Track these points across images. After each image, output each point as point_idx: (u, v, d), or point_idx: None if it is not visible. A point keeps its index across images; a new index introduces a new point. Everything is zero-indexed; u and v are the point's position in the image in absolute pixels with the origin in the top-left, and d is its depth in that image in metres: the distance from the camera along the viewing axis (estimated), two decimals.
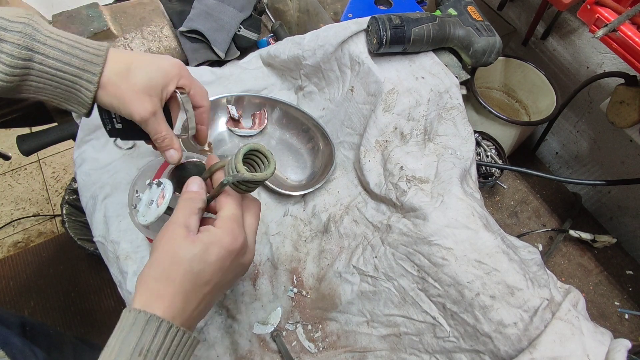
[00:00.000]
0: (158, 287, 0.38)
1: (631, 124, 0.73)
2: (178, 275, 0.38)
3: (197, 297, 0.39)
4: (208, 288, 0.40)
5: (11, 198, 1.53)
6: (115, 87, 0.45)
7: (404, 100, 0.67)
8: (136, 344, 0.35)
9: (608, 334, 0.51)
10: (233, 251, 0.40)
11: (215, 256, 0.39)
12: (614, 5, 0.62)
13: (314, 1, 0.88)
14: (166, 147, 0.50)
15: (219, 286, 0.41)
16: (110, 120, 0.52)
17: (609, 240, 0.85)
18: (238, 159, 0.42)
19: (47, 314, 1.27)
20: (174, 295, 0.38)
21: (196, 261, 0.39)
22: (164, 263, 0.39)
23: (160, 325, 0.36)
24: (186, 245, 0.39)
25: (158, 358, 0.36)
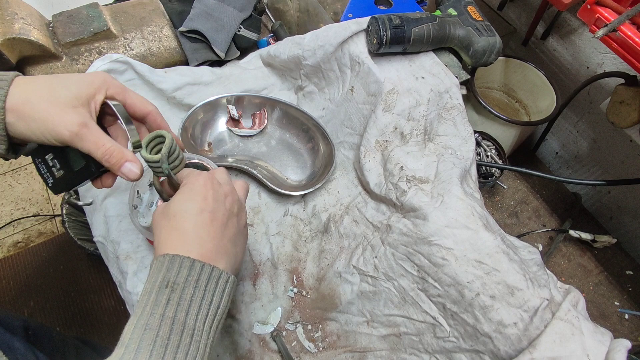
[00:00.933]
0: (166, 236, 0.41)
1: (631, 124, 0.73)
2: (170, 220, 0.41)
3: (202, 226, 0.41)
4: (207, 215, 0.42)
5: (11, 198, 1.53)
6: (30, 106, 0.39)
7: (404, 100, 0.67)
8: (162, 278, 0.38)
9: (608, 334, 0.51)
10: (201, 183, 0.44)
11: (189, 193, 0.43)
12: (614, 5, 0.62)
13: (314, 1, 0.88)
14: (118, 162, 0.43)
15: (218, 212, 0.43)
16: (49, 171, 0.45)
17: (609, 240, 0.85)
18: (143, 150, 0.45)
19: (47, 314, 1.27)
20: (180, 234, 0.41)
21: (178, 204, 0.42)
22: (159, 227, 0.42)
23: (182, 261, 0.38)
24: (166, 205, 0.43)
25: (187, 289, 0.38)
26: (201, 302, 0.38)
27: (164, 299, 0.37)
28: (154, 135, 0.46)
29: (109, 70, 0.69)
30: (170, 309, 0.37)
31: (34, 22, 0.73)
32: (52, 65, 0.75)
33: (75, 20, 0.77)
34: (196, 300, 0.38)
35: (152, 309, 0.37)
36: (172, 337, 0.36)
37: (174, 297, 0.37)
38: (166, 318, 0.36)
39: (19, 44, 0.69)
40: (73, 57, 0.76)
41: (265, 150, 0.75)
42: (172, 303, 0.37)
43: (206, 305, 0.39)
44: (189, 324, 0.37)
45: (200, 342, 0.37)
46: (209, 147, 0.73)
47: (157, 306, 0.37)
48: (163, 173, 0.45)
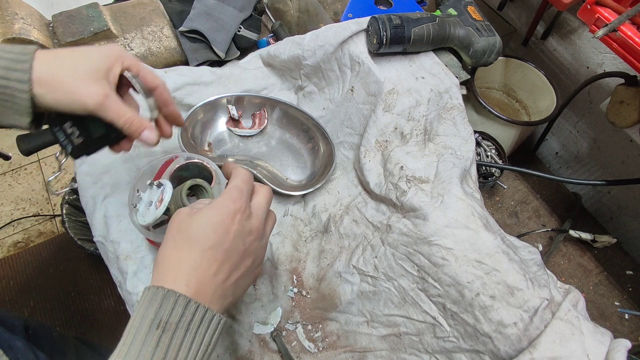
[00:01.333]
0: (170, 260, 0.39)
1: (631, 124, 0.73)
2: (185, 242, 0.39)
3: (212, 262, 0.39)
4: (219, 253, 0.39)
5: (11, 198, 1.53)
6: (55, 79, 0.42)
7: (404, 100, 0.67)
8: (154, 316, 0.36)
9: (608, 334, 0.51)
10: (234, 211, 0.41)
11: (217, 217, 0.40)
12: (614, 5, 0.62)
13: (314, 1, 0.88)
14: (138, 129, 0.46)
15: (232, 254, 0.40)
16: (68, 138, 0.48)
17: (609, 240, 0.85)
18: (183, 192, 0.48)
19: (47, 314, 1.27)
20: (186, 263, 0.38)
21: (200, 225, 0.39)
22: (172, 238, 0.40)
23: (177, 298, 0.36)
24: (190, 216, 0.40)
25: (178, 332, 0.36)
26: (191, 346, 0.37)
27: (154, 339, 0.35)
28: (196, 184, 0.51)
29: None
30: (160, 351, 0.35)
31: (34, 22, 0.73)
32: None
33: (75, 20, 0.77)
34: (186, 344, 0.36)
35: (140, 349, 0.35)
36: None
37: (165, 339, 0.36)
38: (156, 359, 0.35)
39: (19, 44, 0.69)
40: None
41: (265, 150, 0.75)
42: (162, 346, 0.35)
43: (196, 347, 0.37)
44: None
45: None
46: (209, 147, 0.73)
47: (146, 346, 0.35)
48: None
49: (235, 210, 0.41)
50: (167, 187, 0.52)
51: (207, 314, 0.38)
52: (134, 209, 0.53)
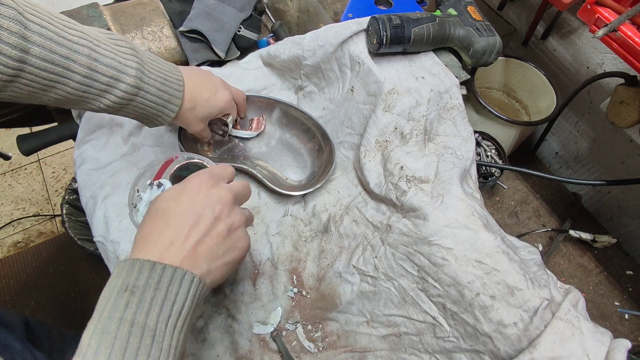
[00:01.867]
0: (140, 235, 0.41)
1: (631, 124, 0.73)
2: (151, 216, 0.41)
3: (180, 230, 0.40)
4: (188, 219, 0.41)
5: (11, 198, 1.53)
6: (184, 117, 0.59)
7: (404, 100, 0.67)
8: (122, 283, 0.37)
9: (608, 334, 0.51)
10: (199, 182, 0.43)
11: (180, 190, 0.43)
12: (614, 5, 0.62)
13: (314, 1, 0.88)
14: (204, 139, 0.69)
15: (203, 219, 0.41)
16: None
17: (609, 240, 0.85)
18: None
19: (48, 314, 1.27)
20: (151, 233, 0.40)
21: (165, 199, 0.43)
22: (143, 220, 0.42)
23: (142, 264, 0.37)
24: (157, 197, 0.44)
25: (147, 292, 0.36)
26: (162, 304, 0.37)
27: (123, 302, 0.36)
28: None
29: None
30: (129, 311, 0.35)
31: None
32: None
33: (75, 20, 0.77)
34: (157, 302, 0.37)
35: (110, 313, 0.35)
36: (132, 340, 0.34)
37: (134, 300, 0.36)
38: (124, 321, 0.35)
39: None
40: None
41: (265, 150, 0.75)
42: (131, 306, 0.36)
43: (168, 306, 0.37)
44: (149, 326, 0.35)
45: (163, 343, 0.36)
46: (208, 147, 0.73)
47: (115, 310, 0.35)
48: None
49: (199, 183, 0.43)
50: (167, 186, 0.52)
51: (176, 273, 0.38)
52: (134, 209, 0.53)
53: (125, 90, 0.51)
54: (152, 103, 0.54)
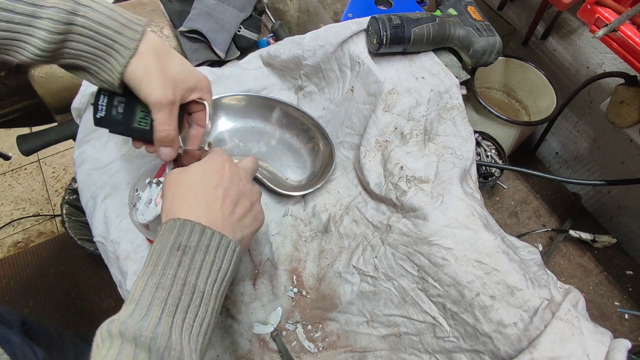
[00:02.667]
0: (177, 205, 0.42)
1: (631, 124, 0.73)
2: (187, 189, 0.43)
3: (214, 199, 0.43)
4: (220, 191, 0.44)
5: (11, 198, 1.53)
6: (148, 60, 0.45)
7: (404, 100, 0.67)
8: (174, 241, 0.39)
9: (608, 334, 0.51)
10: (222, 160, 0.46)
11: (209, 166, 0.45)
12: (614, 5, 0.62)
13: (314, 1, 0.88)
14: (166, 143, 0.49)
15: (230, 192, 0.44)
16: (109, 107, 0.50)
17: (609, 240, 0.85)
18: None
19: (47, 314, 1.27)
20: (193, 203, 0.42)
21: (197, 174, 0.44)
22: (172, 190, 0.44)
23: (193, 226, 0.40)
24: (183, 171, 0.45)
25: (198, 254, 0.39)
26: (211, 267, 0.39)
27: (176, 260, 0.38)
28: None
29: None
30: (182, 270, 0.38)
31: None
32: (52, 65, 0.75)
33: None
34: (206, 265, 0.39)
35: (164, 269, 0.38)
36: (184, 298, 0.37)
37: (186, 260, 0.38)
38: (178, 279, 0.37)
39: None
40: None
41: (265, 150, 0.75)
42: (183, 265, 0.38)
43: (215, 270, 0.40)
44: (199, 287, 0.38)
45: (209, 305, 0.39)
46: (209, 147, 0.73)
47: (169, 267, 0.38)
48: None
49: (222, 161, 0.46)
50: None
51: (223, 240, 0.41)
52: (133, 208, 0.53)
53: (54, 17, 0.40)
54: (97, 34, 0.43)
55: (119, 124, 0.51)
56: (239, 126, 0.76)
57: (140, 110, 0.50)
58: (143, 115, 0.51)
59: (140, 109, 0.50)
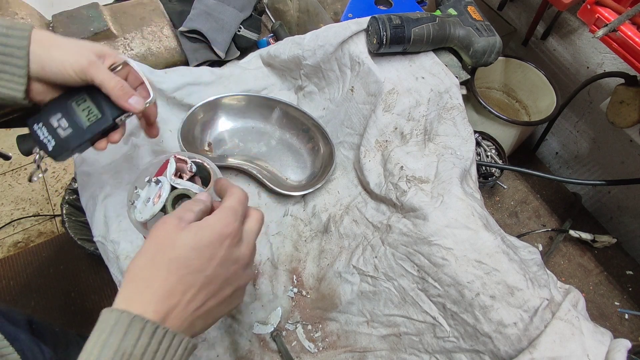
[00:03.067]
0: (144, 278, 0.36)
1: (631, 124, 0.73)
2: (164, 262, 0.36)
3: (189, 288, 0.36)
4: (201, 278, 0.36)
5: (11, 198, 1.53)
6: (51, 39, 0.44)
7: (404, 100, 0.67)
8: (118, 347, 0.32)
9: (608, 334, 0.51)
10: (224, 235, 0.38)
11: (205, 240, 0.37)
12: (614, 5, 0.62)
13: (314, 1, 0.88)
14: (127, 94, 0.46)
15: (212, 281, 0.37)
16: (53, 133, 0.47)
17: (609, 240, 0.85)
18: (169, 205, 0.48)
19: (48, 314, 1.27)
20: (161, 286, 0.35)
21: (184, 247, 0.36)
22: (151, 252, 0.37)
23: (144, 326, 0.33)
24: (175, 232, 0.37)
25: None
26: None
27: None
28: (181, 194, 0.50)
29: None
30: None
31: (34, 22, 0.73)
32: None
33: (75, 20, 0.77)
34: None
35: None
36: None
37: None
38: None
39: None
40: None
41: (265, 150, 0.75)
42: None
43: None
44: None
45: None
46: (209, 147, 0.73)
47: None
48: None
49: (226, 235, 0.38)
50: (165, 184, 0.52)
51: (175, 340, 0.35)
52: (132, 206, 0.53)
53: None
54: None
55: (75, 137, 0.47)
56: (239, 126, 0.76)
57: (79, 106, 0.47)
58: (85, 107, 0.47)
59: (77, 104, 0.47)
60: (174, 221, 0.38)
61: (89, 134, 0.48)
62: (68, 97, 0.48)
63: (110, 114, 0.48)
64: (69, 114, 0.47)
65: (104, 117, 0.48)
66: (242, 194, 0.43)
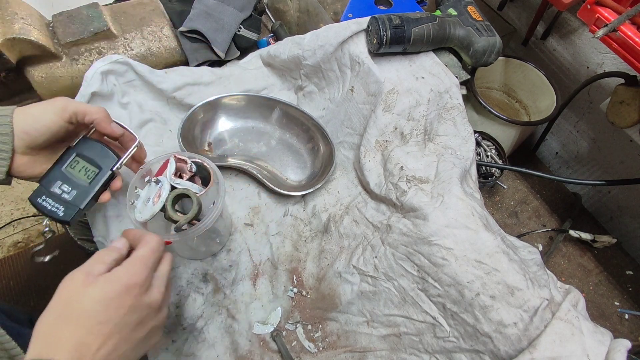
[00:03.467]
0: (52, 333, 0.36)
1: (631, 124, 0.73)
2: (72, 317, 0.37)
3: (96, 339, 0.37)
4: (108, 328, 0.37)
5: (11, 198, 1.52)
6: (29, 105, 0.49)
7: (404, 100, 0.67)
8: None
9: (608, 334, 0.51)
10: (131, 285, 0.39)
11: (112, 293, 0.38)
12: (614, 5, 0.62)
13: (314, 1, 0.88)
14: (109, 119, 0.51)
15: (122, 328, 0.39)
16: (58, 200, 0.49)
17: (609, 240, 0.85)
18: (169, 205, 0.50)
19: None
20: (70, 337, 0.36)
21: (91, 301, 0.37)
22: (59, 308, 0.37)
23: None
24: (82, 288, 0.38)
25: None
26: None
27: None
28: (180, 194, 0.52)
29: (109, 71, 0.69)
30: None
31: (34, 22, 0.73)
32: (52, 65, 0.75)
33: (75, 20, 0.77)
34: None
35: None
36: None
37: None
38: None
39: (19, 44, 0.69)
40: (73, 57, 0.76)
41: (265, 150, 0.75)
42: None
43: None
44: None
45: None
46: (209, 147, 0.73)
47: None
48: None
49: (132, 285, 0.40)
50: (165, 184, 0.52)
51: None
52: (131, 206, 0.53)
53: None
54: None
55: (83, 195, 0.50)
56: (239, 126, 0.76)
57: (74, 169, 0.51)
58: (81, 168, 0.51)
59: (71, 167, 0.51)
60: (80, 277, 0.39)
61: (93, 190, 0.51)
62: (60, 165, 0.51)
63: (106, 166, 0.52)
64: (67, 178, 0.50)
65: (102, 170, 0.51)
66: (155, 242, 0.44)
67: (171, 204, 0.51)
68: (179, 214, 0.51)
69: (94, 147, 0.52)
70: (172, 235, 0.51)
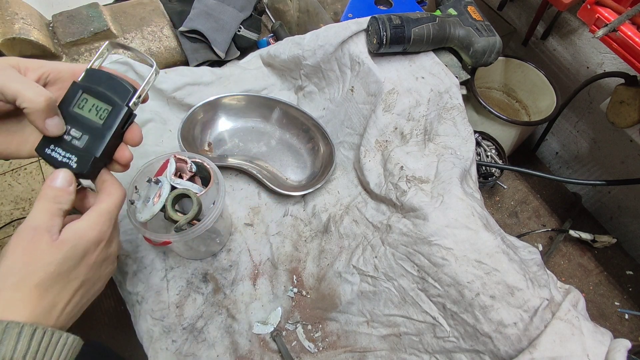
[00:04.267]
0: (17, 294, 0.35)
1: (631, 124, 0.73)
2: (42, 279, 0.36)
3: (65, 297, 0.38)
4: (75, 285, 0.39)
5: (11, 198, 1.53)
6: None
7: (404, 100, 0.67)
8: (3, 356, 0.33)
9: (608, 334, 0.51)
10: (98, 242, 0.41)
11: (80, 252, 0.39)
12: (614, 5, 0.62)
13: (314, 1, 0.88)
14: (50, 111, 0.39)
15: (87, 281, 0.41)
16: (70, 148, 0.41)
17: (609, 240, 0.85)
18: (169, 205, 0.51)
19: None
20: (38, 297, 0.36)
21: (64, 263, 0.38)
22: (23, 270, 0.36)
23: (21, 330, 0.33)
24: (52, 251, 0.37)
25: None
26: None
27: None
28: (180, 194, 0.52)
29: None
30: None
31: (34, 22, 0.73)
32: None
33: (75, 20, 0.77)
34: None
35: None
36: None
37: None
38: None
39: (19, 44, 0.69)
40: (73, 57, 0.76)
41: (265, 150, 0.75)
42: None
43: None
44: None
45: None
46: (209, 147, 0.73)
47: None
48: None
49: (100, 241, 0.41)
50: (165, 184, 0.52)
51: (55, 337, 0.36)
52: (131, 206, 0.53)
53: None
54: None
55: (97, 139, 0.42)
56: (239, 126, 0.76)
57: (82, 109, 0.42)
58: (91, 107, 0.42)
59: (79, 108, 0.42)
60: (44, 237, 0.37)
61: (108, 133, 0.42)
62: (66, 105, 0.42)
63: (120, 100, 0.42)
64: (76, 121, 0.42)
65: (116, 106, 0.42)
66: (120, 195, 0.43)
67: (171, 204, 0.51)
68: (179, 214, 0.51)
69: (103, 80, 0.42)
70: (172, 235, 0.51)
